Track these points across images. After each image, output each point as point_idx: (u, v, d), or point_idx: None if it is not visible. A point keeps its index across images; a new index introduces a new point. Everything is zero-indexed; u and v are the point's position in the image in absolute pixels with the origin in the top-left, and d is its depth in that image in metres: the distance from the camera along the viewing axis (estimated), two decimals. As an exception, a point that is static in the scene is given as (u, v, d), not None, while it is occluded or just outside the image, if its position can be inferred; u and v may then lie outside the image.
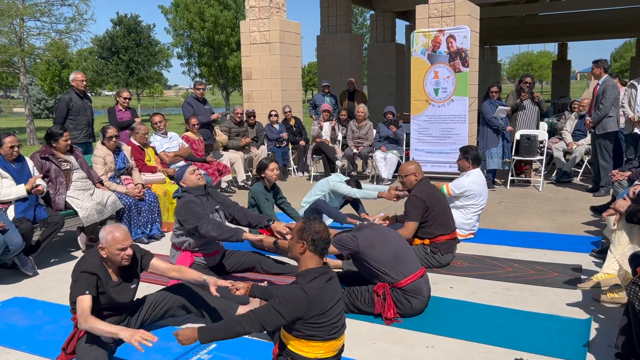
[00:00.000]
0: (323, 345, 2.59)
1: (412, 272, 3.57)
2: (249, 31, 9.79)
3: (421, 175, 4.65)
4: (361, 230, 3.70)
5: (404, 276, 3.52)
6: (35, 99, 34.83)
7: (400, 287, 3.52)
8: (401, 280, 3.52)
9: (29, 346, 3.31)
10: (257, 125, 9.07)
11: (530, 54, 71.05)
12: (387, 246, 3.58)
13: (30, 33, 19.08)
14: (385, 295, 3.52)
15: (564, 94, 25.95)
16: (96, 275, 3.02)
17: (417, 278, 3.56)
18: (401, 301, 3.53)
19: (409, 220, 4.48)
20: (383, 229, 3.75)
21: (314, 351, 2.59)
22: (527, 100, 8.03)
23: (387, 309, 3.50)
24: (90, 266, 3.02)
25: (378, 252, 3.55)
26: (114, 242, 3.00)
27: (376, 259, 3.55)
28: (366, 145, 8.84)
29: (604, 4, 18.34)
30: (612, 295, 3.69)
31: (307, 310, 2.50)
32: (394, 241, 3.65)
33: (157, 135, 6.85)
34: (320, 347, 2.59)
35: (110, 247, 3.01)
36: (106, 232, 3.03)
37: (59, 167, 5.11)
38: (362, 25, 41.83)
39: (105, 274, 3.08)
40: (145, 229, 5.64)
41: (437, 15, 8.55)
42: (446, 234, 4.53)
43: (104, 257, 3.06)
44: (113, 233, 3.02)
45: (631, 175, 5.16)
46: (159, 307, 3.41)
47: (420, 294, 3.55)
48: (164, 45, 35.87)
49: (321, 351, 2.60)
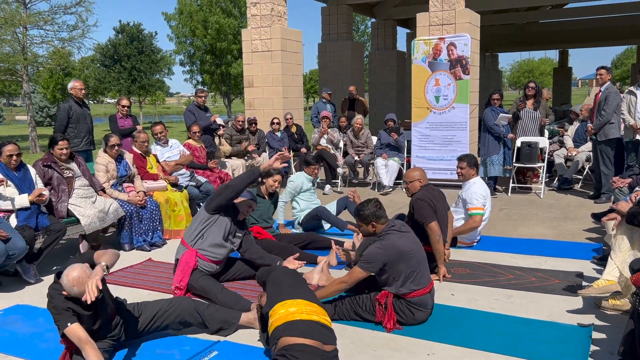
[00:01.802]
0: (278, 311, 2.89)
1: (423, 286, 3.54)
2: (251, 39, 9.84)
3: (425, 181, 4.64)
4: (388, 237, 3.54)
5: (414, 290, 3.50)
6: (38, 107, 34.99)
7: (405, 298, 3.51)
8: (410, 293, 3.50)
9: (30, 354, 3.31)
10: (259, 133, 9.09)
11: (531, 61, 71.20)
12: (410, 260, 3.49)
13: (33, 41, 19.20)
14: (387, 305, 3.51)
15: (565, 101, 26.01)
16: (70, 309, 2.92)
17: (425, 293, 3.54)
18: (404, 311, 3.52)
19: (428, 223, 4.30)
20: (409, 237, 3.61)
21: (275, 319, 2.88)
22: (523, 109, 8.03)
23: (388, 319, 3.49)
24: (60, 302, 2.92)
25: (400, 265, 3.46)
26: (70, 285, 2.87)
27: (398, 270, 3.48)
28: (367, 153, 8.86)
29: (604, 11, 18.40)
30: (613, 302, 3.68)
31: None
32: (417, 256, 3.55)
33: (158, 145, 6.86)
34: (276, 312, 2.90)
35: (70, 291, 2.89)
36: (65, 277, 2.90)
37: (61, 174, 5.12)
38: (364, 33, 41.92)
39: (75, 305, 2.96)
40: (147, 236, 5.65)
41: (438, 23, 8.59)
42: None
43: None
44: (69, 275, 2.88)
45: (632, 182, 5.17)
46: (159, 321, 3.37)
47: (425, 307, 3.55)
48: (166, 52, 36.04)
49: (277, 316, 2.88)
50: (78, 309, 2.94)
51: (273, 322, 2.88)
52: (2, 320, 3.84)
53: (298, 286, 3.12)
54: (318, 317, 2.89)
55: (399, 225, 3.64)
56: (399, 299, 3.52)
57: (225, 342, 3.40)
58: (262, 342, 3.30)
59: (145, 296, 4.10)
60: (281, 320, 2.84)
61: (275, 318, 2.88)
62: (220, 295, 3.87)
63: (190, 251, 4.11)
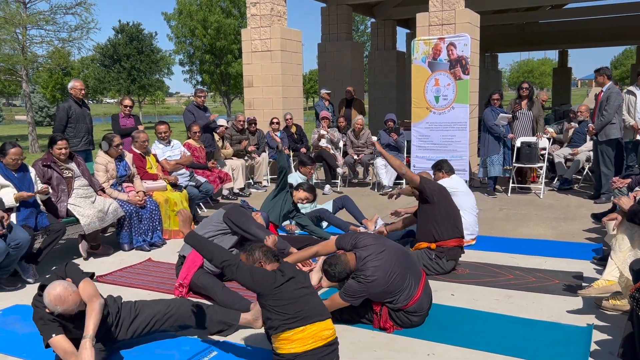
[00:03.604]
0: (293, 337, 2.78)
1: (415, 292, 3.48)
2: (250, 39, 9.84)
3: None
4: (366, 267, 3.37)
5: (408, 300, 3.46)
6: (37, 107, 34.94)
7: (402, 309, 3.49)
8: (405, 304, 3.47)
9: (29, 354, 3.31)
10: (258, 133, 9.09)
11: (531, 61, 71.26)
12: (395, 281, 3.40)
13: (33, 41, 19.20)
14: (381, 313, 3.50)
15: (565, 101, 26.02)
16: (56, 320, 2.90)
17: (418, 297, 3.49)
18: (401, 319, 3.50)
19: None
20: (388, 254, 3.45)
21: (289, 345, 2.78)
22: (519, 110, 8.07)
23: (384, 325, 3.50)
24: (45, 314, 2.88)
25: (387, 287, 3.39)
26: (53, 304, 2.83)
27: (385, 291, 3.41)
28: (367, 153, 8.85)
29: (604, 12, 18.42)
30: (614, 302, 3.68)
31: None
32: (401, 266, 3.46)
33: (160, 144, 6.86)
34: (289, 339, 2.78)
35: (53, 309, 2.85)
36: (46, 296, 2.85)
37: (61, 174, 5.12)
38: (363, 33, 41.98)
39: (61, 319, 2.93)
40: (147, 236, 5.65)
41: (438, 23, 8.59)
42: (454, 237, 4.50)
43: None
44: (50, 294, 2.83)
45: (631, 183, 5.16)
46: (157, 325, 3.34)
47: (421, 311, 3.53)
48: (166, 52, 36.07)
49: (294, 345, 2.78)
50: (64, 322, 2.92)
51: (288, 347, 2.80)
52: (1, 320, 3.84)
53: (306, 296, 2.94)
54: (331, 335, 2.88)
55: (372, 248, 3.43)
56: (395, 311, 3.49)
57: (225, 342, 3.39)
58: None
59: (145, 296, 4.08)
60: (298, 349, 2.79)
61: (291, 345, 2.80)
62: (221, 293, 3.89)
63: (195, 252, 4.13)
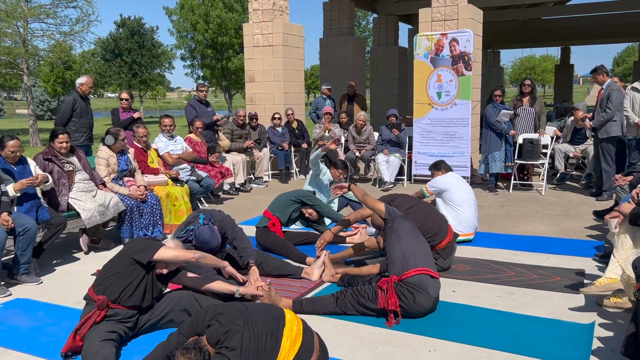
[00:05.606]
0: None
1: (421, 266, 3.59)
2: (252, 34, 9.81)
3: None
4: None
5: (410, 268, 3.56)
6: (39, 101, 34.93)
7: (403, 280, 3.53)
8: (406, 272, 3.54)
9: (30, 347, 3.30)
10: (260, 128, 9.07)
11: (533, 57, 71.09)
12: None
13: (34, 34, 19.15)
14: (388, 289, 3.53)
15: (567, 98, 25.99)
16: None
17: (422, 272, 3.57)
18: (405, 295, 3.51)
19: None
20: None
21: None
22: (521, 107, 8.07)
23: (389, 302, 3.51)
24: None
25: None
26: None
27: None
28: (368, 149, 8.84)
29: (606, 9, 18.35)
30: (615, 299, 3.67)
31: None
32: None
33: (163, 137, 6.85)
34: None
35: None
36: None
37: (62, 168, 5.10)
38: (365, 28, 41.84)
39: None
40: (147, 230, 5.64)
41: (440, 18, 8.56)
42: (443, 239, 4.50)
43: None
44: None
45: (633, 180, 5.14)
46: (158, 310, 3.37)
47: (425, 290, 3.54)
48: (167, 47, 35.99)
49: None
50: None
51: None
52: (2, 314, 3.83)
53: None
54: (295, 338, 2.71)
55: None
56: (398, 284, 3.53)
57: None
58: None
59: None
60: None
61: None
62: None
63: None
